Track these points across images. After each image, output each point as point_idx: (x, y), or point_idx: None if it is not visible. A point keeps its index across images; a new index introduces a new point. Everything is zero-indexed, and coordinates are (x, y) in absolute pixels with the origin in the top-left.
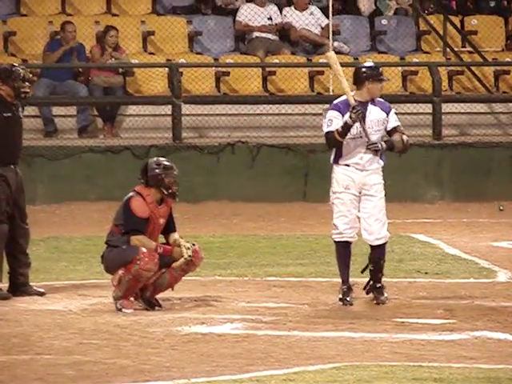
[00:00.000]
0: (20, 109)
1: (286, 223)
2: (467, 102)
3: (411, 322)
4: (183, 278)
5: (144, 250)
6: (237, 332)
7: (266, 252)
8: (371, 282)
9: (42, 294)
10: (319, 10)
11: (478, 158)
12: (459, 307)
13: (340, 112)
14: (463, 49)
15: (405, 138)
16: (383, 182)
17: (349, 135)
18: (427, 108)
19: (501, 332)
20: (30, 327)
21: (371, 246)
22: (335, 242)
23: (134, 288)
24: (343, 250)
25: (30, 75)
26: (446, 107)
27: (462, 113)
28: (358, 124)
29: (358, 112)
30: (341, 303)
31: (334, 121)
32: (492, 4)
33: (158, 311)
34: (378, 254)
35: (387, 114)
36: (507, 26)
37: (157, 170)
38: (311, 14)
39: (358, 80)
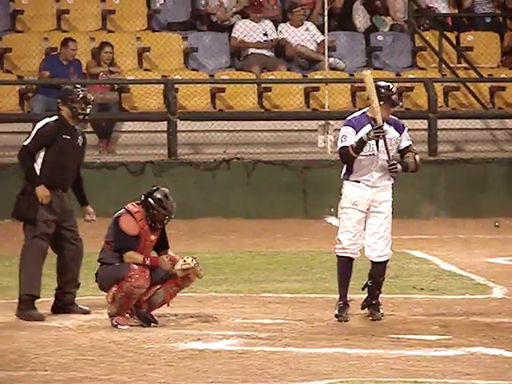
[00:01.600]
0: (80, 137)
1: (282, 239)
2: (463, 118)
3: (407, 338)
4: (178, 294)
5: (135, 266)
6: (232, 348)
7: (262, 268)
8: (368, 298)
9: (87, 313)
10: (315, 26)
11: (474, 175)
12: (454, 323)
13: (354, 128)
14: (459, 65)
15: (417, 158)
16: (392, 199)
17: (362, 152)
18: (423, 124)
19: (496, 348)
20: (25, 343)
21: (372, 263)
22: (337, 256)
23: (128, 305)
24: (344, 265)
25: (91, 97)
26: (442, 123)
27: (458, 129)
28: (373, 142)
29: (380, 133)
30: (336, 319)
31: (348, 136)
32: (487, 20)
33: (154, 327)
34: (378, 271)
35: (400, 134)
36: (503, 42)
37: (155, 204)
38: (307, 30)
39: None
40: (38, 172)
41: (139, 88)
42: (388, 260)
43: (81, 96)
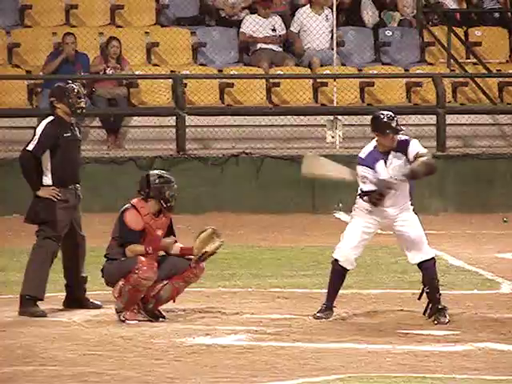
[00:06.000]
0: (77, 129)
1: (290, 234)
2: (471, 114)
3: (415, 333)
4: (186, 289)
5: (143, 259)
6: (241, 343)
7: (270, 263)
8: (430, 305)
9: (99, 307)
10: (333, 18)
11: (482, 170)
12: (463, 318)
13: (369, 167)
14: (467, 60)
15: (424, 159)
16: (411, 211)
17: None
18: (431, 119)
19: (504, 343)
20: (33, 338)
21: (421, 268)
22: (332, 262)
23: (135, 298)
24: (336, 273)
25: (84, 91)
26: (450, 118)
27: (466, 124)
28: (383, 175)
29: (374, 200)
30: (312, 317)
31: (368, 177)
32: (496, 15)
33: (162, 322)
34: (429, 273)
35: (406, 154)
36: (511, 38)
37: (158, 183)
38: (327, 19)
39: (371, 128)
40: (50, 174)
41: (148, 83)
42: (434, 259)
43: (76, 90)
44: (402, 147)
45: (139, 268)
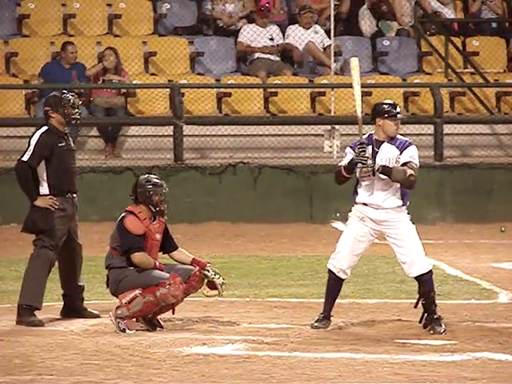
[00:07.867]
0: (71, 139)
1: (288, 244)
2: (469, 124)
3: (412, 343)
4: (184, 299)
5: (175, 275)
6: (238, 353)
7: (268, 273)
8: (426, 315)
9: (97, 317)
10: (322, 31)
11: (480, 180)
12: (460, 328)
13: (353, 149)
14: (465, 70)
15: (409, 171)
16: (408, 221)
17: (359, 173)
18: (429, 129)
19: (502, 353)
20: (31, 348)
21: (417, 280)
22: (328, 271)
23: (149, 311)
24: (332, 281)
25: (80, 101)
26: (448, 128)
27: (464, 134)
28: (370, 162)
29: (361, 148)
30: (310, 327)
31: (347, 156)
32: (494, 25)
33: (160, 332)
34: (425, 286)
35: (401, 152)
36: (509, 48)
37: (145, 187)
38: (316, 32)
39: (372, 116)
40: (46, 183)
41: (145, 92)
42: (431, 271)
43: (71, 101)
44: (400, 145)
45: (171, 284)
